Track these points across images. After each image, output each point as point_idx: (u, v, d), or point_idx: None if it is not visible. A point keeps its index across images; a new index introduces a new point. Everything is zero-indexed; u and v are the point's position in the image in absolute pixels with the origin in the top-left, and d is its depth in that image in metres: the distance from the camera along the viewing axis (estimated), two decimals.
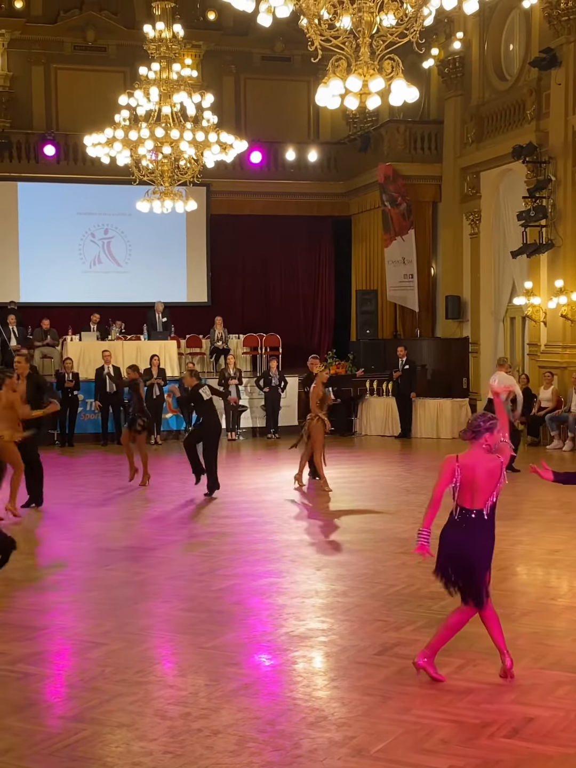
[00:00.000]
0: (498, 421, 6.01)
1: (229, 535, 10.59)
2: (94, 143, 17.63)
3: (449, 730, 5.29)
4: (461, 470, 5.94)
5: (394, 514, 11.79)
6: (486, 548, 5.98)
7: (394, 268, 23.11)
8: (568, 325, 18.45)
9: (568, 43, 18.27)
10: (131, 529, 11.33)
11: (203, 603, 7.90)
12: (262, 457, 17.44)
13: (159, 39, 17.27)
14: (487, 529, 5.97)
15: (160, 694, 5.90)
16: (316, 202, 25.84)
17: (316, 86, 9.10)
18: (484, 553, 5.98)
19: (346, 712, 5.57)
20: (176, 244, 24.68)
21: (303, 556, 9.53)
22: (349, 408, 20.37)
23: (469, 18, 20.24)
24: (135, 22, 24.27)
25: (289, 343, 23.57)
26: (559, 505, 11.75)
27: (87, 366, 19.45)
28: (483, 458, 5.95)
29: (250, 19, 9.14)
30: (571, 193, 18.43)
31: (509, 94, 20.69)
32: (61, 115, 25.14)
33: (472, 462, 5.95)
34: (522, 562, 9.45)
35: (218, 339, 22.16)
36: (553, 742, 5.14)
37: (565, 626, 7.24)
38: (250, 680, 6.15)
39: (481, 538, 5.95)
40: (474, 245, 22.13)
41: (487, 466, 5.92)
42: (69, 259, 24.08)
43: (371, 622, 7.34)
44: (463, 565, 5.94)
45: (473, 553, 5.94)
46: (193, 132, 17.14)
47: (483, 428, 5.96)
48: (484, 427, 5.96)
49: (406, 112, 23.12)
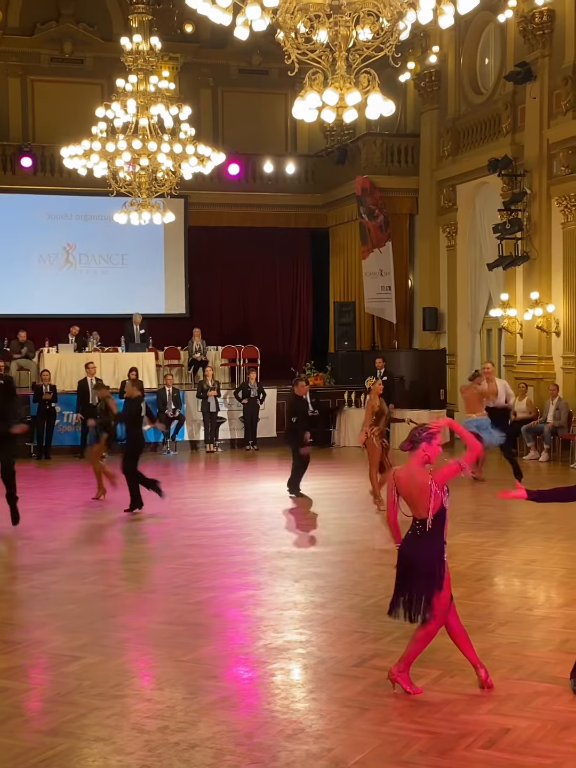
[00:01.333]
0: (437, 433, 5.94)
1: (206, 548, 10.56)
2: (71, 155, 17.62)
3: (426, 741, 5.30)
4: (397, 483, 5.94)
5: (371, 525, 11.80)
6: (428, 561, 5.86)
7: (372, 280, 23.20)
8: (544, 337, 18.57)
9: (543, 57, 18.47)
10: (108, 542, 11.28)
11: (181, 616, 7.88)
12: (240, 469, 17.43)
13: (136, 51, 17.31)
14: (428, 542, 5.87)
15: (137, 707, 5.88)
16: (293, 214, 25.92)
17: (293, 99, 9.13)
18: (426, 565, 5.87)
19: (324, 724, 5.56)
20: (154, 256, 24.67)
21: (281, 568, 9.52)
22: (327, 420, 20.40)
23: (444, 32, 20.39)
24: (112, 34, 24.32)
25: (267, 355, 23.59)
26: (535, 516, 11.80)
27: (64, 378, 19.38)
28: (416, 471, 5.90)
29: (228, 32, 9.17)
30: (546, 206, 18.59)
31: (485, 108, 20.85)
32: (38, 127, 25.09)
33: (406, 474, 5.93)
34: (499, 572, 9.48)
35: (196, 351, 22.15)
36: (530, 752, 5.15)
37: (542, 636, 7.26)
38: (228, 693, 6.13)
39: (423, 550, 5.87)
40: (450, 257, 22.26)
41: (417, 479, 5.86)
42: (46, 271, 24.02)
43: (349, 633, 7.34)
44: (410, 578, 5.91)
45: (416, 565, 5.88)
46: (171, 144, 17.16)
47: (419, 438, 5.90)
48: (420, 438, 5.90)
49: (383, 126, 23.23)
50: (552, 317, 18.43)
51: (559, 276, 18.36)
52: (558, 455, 17.27)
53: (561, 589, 8.72)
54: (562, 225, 18.22)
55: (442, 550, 5.92)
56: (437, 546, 5.90)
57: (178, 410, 19.19)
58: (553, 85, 18.31)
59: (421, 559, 5.88)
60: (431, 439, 5.90)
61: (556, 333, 18.41)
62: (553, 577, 9.10)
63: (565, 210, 18.04)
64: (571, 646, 6.80)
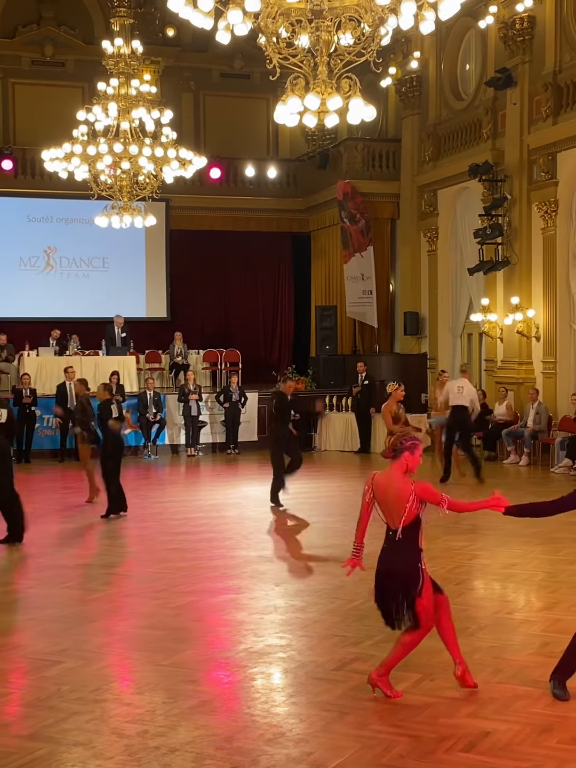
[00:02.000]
0: (420, 444, 5.96)
1: (187, 552, 10.54)
2: (52, 158, 17.59)
3: (406, 744, 5.31)
4: (375, 486, 5.93)
5: (352, 529, 11.77)
6: (403, 573, 5.86)
7: (353, 284, 23.25)
8: (524, 342, 18.67)
9: (523, 63, 18.58)
10: (88, 546, 11.25)
11: (161, 620, 7.86)
12: (222, 473, 17.41)
13: (118, 55, 17.30)
14: (402, 554, 5.86)
15: (117, 712, 5.86)
16: (275, 218, 25.95)
17: (275, 103, 9.15)
18: (401, 578, 5.87)
19: (304, 728, 5.56)
20: (135, 260, 24.64)
21: (262, 572, 9.52)
22: (308, 423, 20.40)
23: (425, 38, 20.49)
24: (94, 37, 24.27)
25: (248, 359, 23.59)
26: (515, 520, 11.78)
27: (44, 381, 19.30)
28: (397, 478, 5.89)
29: (209, 36, 9.17)
30: (527, 212, 18.69)
31: (466, 114, 20.95)
32: (19, 130, 25.01)
33: (386, 480, 5.92)
34: (479, 576, 9.51)
35: (178, 354, 22.13)
36: (509, 755, 5.17)
37: (522, 640, 7.29)
38: (208, 697, 6.13)
39: (398, 563, 5.87)
40: (432, 262, 22.34)
41: (397, 486, 5.85)
42: (26, 274, 23.94)
43: (329, 637, 7.35)
44: (388, 591, 5.91)
45: (392, 578, 5.89)
46: (152, 148, 17.16)
47: (403, 447, 5.90)
48: (403, 447, 5.90)
49: (365, 131, 23.31)
50: (532, 322, 18.53)
51: (539, 281, 18.47)
52: (538, 459, 17.35)
53: (540, 593, 8.76)
54: (542, 230, 18.32)
55: (417, 560, 5.89)
56: (412, 557, 5.88)
57: (159, 414, 19.15)
58: (533, 91, 18.42)
59: (397, 572, 5.87)
60: (414, 449, 5.91)
61: (536, 338, 18.51)
62: (533, 580, 9.14)
63: (545, 215, 18.15)
64: (550, 649, 6.83)
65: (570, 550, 10.13)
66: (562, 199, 17.92)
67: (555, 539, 10.75)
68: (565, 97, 17.75)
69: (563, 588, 8.75)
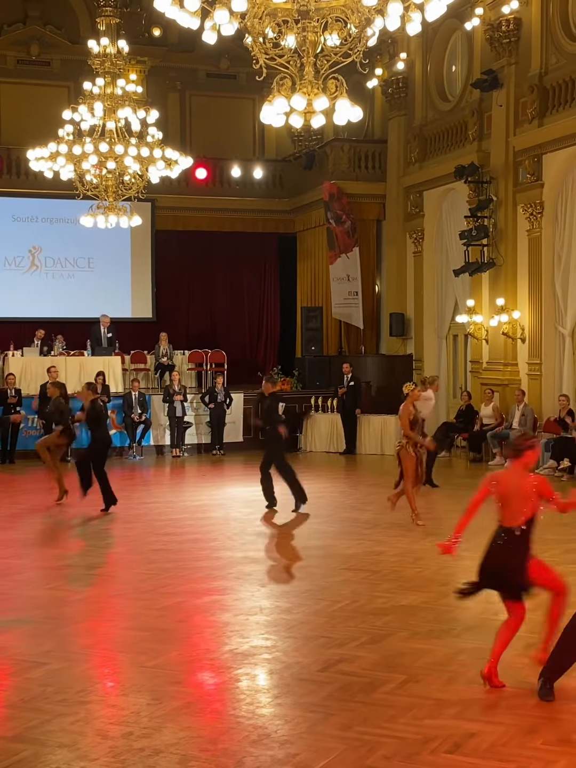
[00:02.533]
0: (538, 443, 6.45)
1: (172, 552, 10.52)
2: (37, 157, 17.51)
3: (391, 746, 5.30)
4: (496, 485, 6.19)
5: (338, 530, 11.81)
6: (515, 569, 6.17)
7: (339, 285, 23.25)
8: (510, 343, 18.71)
9: (509, 65, 18.62)
10: (73, 547, 11.20)
11: (146, 621, 7.84)
12: (207, 474, 17.38)
13: (104, 54, 17.24)
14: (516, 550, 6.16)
15: (101, 713, 5.84)
16: (261, 218, 25.93)
17: (261, 104, 9.14)
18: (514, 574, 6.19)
19: (289, 730, 5.55)
20: (121, 260, 24.58)
21: (247, 573, 9.51)
22: (294, 424, 20.38)
23: (412, 39, 20.51)
24: (79, 37, 24.20)
25: (234, 360, 23.57)
26: None
27: (29, 382, 19.23)
28: (521, 474, 6.20)
29: (196, 35, 9.18)
30: (512, 213, 18.73)
31: (452, 115, 20.98)
32: (4, 129, 24.93)
33: (509, 478, 6.22)
34: (464, 577, 9.47)
35: (163, 355, 22.09)
36: (494, 757, 5.17)
37: None
38: (193, 699, 6.11)
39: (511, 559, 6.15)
40: (417, 263, 22.37)
41: (522, 482, 6.15)
42: (11, 274, 23.86)
43: (315, 638, 7.34)
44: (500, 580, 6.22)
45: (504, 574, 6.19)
46: (138, 147, 17.11)
47: (524, 447, 6.23)
48: (524, 446, 6.23)
49: (351, 131, 23.32)
50: (517, 323, 18.58)
51: (524, 282, 18.51)
52: None
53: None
54: (528, 232, 18.37)
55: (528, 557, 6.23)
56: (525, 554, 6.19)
57: (145, 415, 19.11)
58: (519, 93, 18.47)
59: (511, 568, 6.15)
60: (535, 446, 6.33)
61: (522, 339, 18.55)
62: None
63: (531, 217, 18.19)
64: (534, 651, 6.83)
65: (556, 552, 10.13)
66: (548, 201, 17.97)
67: (541, 541, 10.70)
68: (551, 99, 17.80)
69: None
